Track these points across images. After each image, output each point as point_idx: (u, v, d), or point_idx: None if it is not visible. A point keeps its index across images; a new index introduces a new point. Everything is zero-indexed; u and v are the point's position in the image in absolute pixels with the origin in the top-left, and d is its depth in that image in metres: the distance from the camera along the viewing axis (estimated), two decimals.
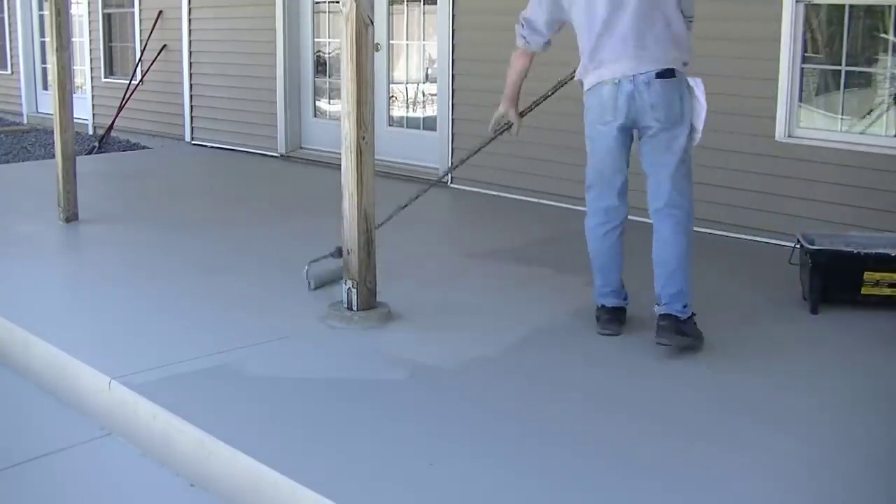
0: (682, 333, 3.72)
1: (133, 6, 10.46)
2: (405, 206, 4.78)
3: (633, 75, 3.68)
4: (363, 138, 4.02)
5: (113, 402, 3.42)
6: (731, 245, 5.66)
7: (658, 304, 3.82)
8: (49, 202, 6.23)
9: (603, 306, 4.04)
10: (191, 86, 9.83)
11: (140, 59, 10.30)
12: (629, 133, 3.83)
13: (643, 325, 4.22)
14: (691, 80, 3.75)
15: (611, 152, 3.86)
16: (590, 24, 3.78)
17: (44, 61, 12.39)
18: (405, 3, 8.04)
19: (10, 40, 13.01)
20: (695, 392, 3.46)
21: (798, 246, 4.52)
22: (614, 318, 4.01)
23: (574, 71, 4.05)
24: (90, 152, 9.94)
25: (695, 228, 4.09)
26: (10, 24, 13.03)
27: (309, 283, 4.58)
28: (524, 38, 4.11)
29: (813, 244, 4.38)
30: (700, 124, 3.76)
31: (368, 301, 4.14)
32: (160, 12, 10.05)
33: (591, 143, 3.96)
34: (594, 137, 3.91)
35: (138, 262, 5.21)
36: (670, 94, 3.68)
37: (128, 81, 10.35)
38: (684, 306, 3.77)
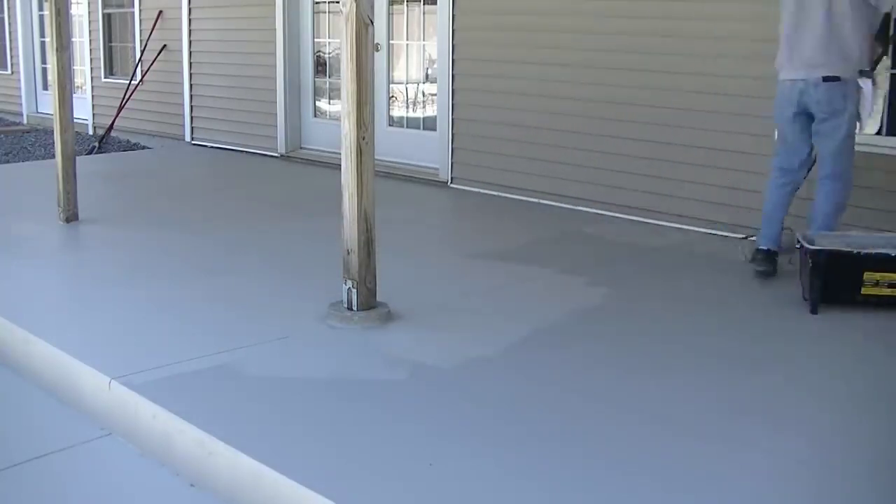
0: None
1: (133, 6, 10.46)
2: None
3: (805, 79, 4.72)
4: (363, 138, 4.02)
5: (113, 402, 3.42)
6: (732, 245, 5.65)
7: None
8: (49, 202, 6.23)
9: (759, 249, 4.96)
10: (191, 86, 9.84)
11: (140, 59, 10.31)
12: (804, 118, 4.81)
13: (641, 326, 4.23)
14: (861, 82, 4.70)
15: (790, 130, 4.89)
16: (785, 29, 4.83)
17: (44, 61, 12.40)
18: (405, 3, 8.04)
19: (10, 40, 13.02)
20: (694, 392, 3.46)
21: (798, 246, 4.52)
22: (767, 259, 4.91)
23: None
24: (90, 152, 9.94)
25: (695, 229, 4.12)
26: (10, 24, 13.03)
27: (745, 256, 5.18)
28: None
29: (813, 244, 4.38)
30: (865, 114, 4.77)
31: (368, 301, 4.14)
32: (160, 12, 10.05)
33: (777, 122, 5.00)
34: (779, 118, 4.94)
35: (138, 262, 5.21)
36: (833, 94, 4.67)
37: (128, 81, 10.36)
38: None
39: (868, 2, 4.57)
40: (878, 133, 5.36)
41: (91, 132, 11.05)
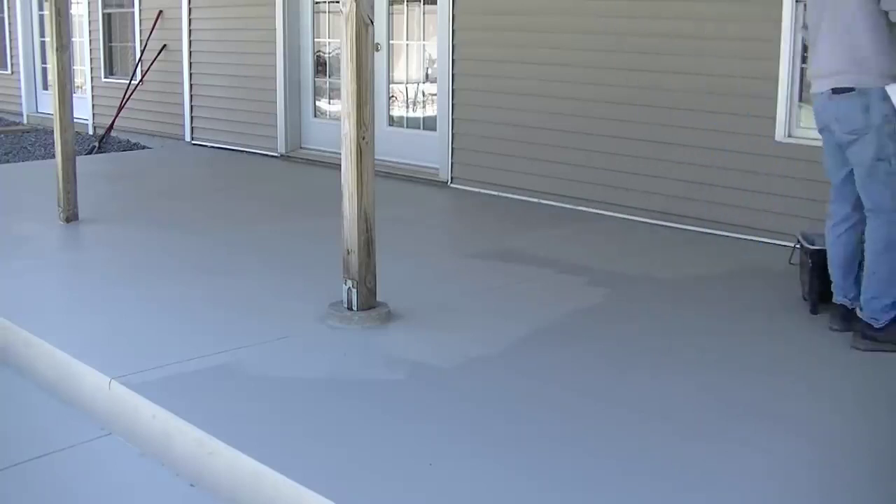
0: (868, 338, 3.90)
1: (133, 6, 10.46)
2: None
3: (822, 92, 3.99)
4: (363, 138, 4.02)
5: (113, 402, 3.42)
6: (732, 245, 5.66)
7: (859, 309, 3.98)
8: (49, 202, 6.23)
9: (833, 303, 4.17)
10: (191, 86, 9.84)
11: (140, 59, 10.31)
12: (831, 138, 4.03)
13: (641, 326, 4.22)
14: (889, 89, 3.81)
15: (825, 153, 4.14)
16: (810, 39, 4.14)
17: (44, 61, 12.40)
18: (405, 3, 8.05)
19: (10, 40, 13.02)
20: (695, 392, 3.46)
21: (798, 246, 4.52)
22: (837, 314, 4.13)
23: None
24: (90, 152, 9.94)
25: (695, 229, 4.08)
26: (10, 24, 13.03)
27: None
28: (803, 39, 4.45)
29: (813, 244, 4.37)
30: None
31: (368, 301, 4.14)
32: (160, 12, 10.05)
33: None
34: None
35: (138, 263, 5.21)
36: (849, 108, 3.86)
37: (128, 81, 10.36)
38: (876, 312, 3.89)
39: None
40: None
41: (91, 132, 11.05)
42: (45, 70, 12.29)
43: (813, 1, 4.05)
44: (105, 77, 11.06)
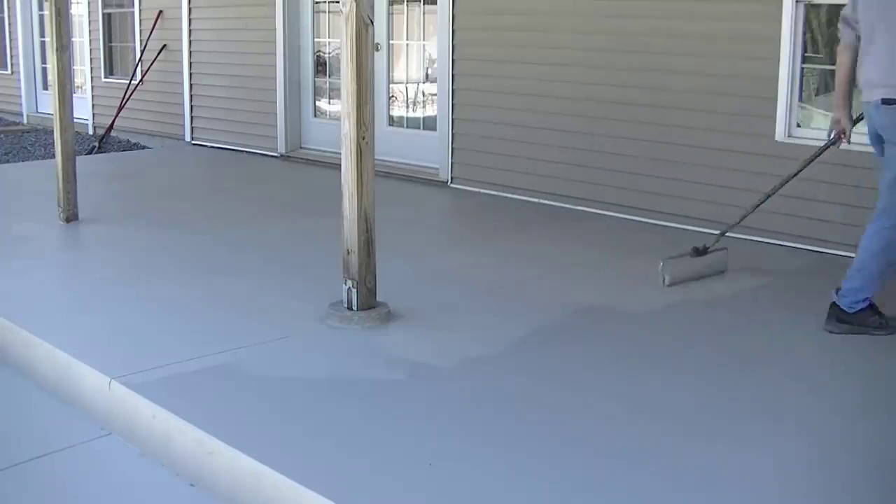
0: (843, 322, 4.11)
1: (133, 6, 10.46)
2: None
3: (869, 101, 4.08)
4: (363, 138, 4.02)
5: (113, 401, 3.42)
6: (732, 245, 5.65)
7: (835, 291, 4.15)
8: (49, 202, 6.23)
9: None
10: (191, 86, 9.84)
11: (140, 59, 10.31)
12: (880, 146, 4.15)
13: (643, 325, 4.22)
14: None
15: (876, 159, 4.26)
16: (862, 49, 4.15)
17: (44, 61, 12.40)
18: (405, 3, 8.05)
19: (10, 40, 13.02)
20: (695, 391, 3.46)
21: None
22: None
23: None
24: (90, 152, 9.94)
25: (696, 229, 4.11)
26: (10, 24, 13.03)
27: (664, 279, 4.78)
28: (840, 32, 4.34)
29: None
30: None
31: (368, 301, 4.15)
32: (160, 12, 10.05)
33: None
34: None
35: (138, 263, 5.21)
36: (892, 119, 3.99)
37: (128, 81, 10.36)
38: (854, 302, 4.10)
39: None
40: None
41: (91, 132, 11.05)
42: (45, 70, 12.29)
43: (868, 2, 4.07)
44: (105, 77, 11.06)
